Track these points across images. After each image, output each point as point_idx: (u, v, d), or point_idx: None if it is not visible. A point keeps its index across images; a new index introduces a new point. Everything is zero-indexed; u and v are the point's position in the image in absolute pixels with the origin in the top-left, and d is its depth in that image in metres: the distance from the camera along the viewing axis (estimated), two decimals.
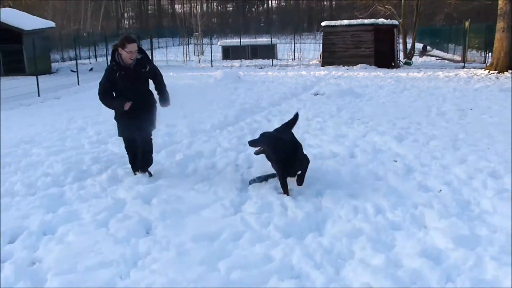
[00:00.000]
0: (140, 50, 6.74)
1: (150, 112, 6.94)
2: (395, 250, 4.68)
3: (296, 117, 7.21)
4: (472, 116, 11.68)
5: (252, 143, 6.42)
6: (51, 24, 28.83)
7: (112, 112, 7.03)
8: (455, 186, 6.51)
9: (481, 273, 4.21)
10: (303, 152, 6.54)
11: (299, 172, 6.37)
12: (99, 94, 6.73)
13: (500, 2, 21.92)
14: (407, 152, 8.26)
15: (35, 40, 23.08)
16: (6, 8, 28.21)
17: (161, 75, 7.05)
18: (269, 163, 6.54)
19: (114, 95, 6.79)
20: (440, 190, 6.32)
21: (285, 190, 6.21)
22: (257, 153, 6.37)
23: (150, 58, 7.53)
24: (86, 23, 49.93)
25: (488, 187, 6.39)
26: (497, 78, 19.96)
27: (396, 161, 7.73)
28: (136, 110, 6.67)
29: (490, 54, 25.62)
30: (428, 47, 38.86)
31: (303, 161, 6.42)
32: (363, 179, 6.85)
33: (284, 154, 6.18)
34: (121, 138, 7.16)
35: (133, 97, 6.65)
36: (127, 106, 6.58)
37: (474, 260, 4.38)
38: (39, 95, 17.30)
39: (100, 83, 6.71)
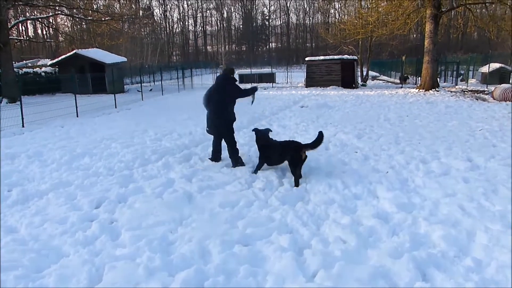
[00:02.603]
0: None
1: None
2: (357, 213, 4.62)
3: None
4: (408, 121, 11.54)
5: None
6: (124, 59, 28.79)
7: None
8: (397, 169, 6.43)
9: (416, 229, 4.16)
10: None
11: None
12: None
13: (426, 43, 21.93)
14: (364, 145, 8.17)
15: (113, 70, 23.15)
16: (94, 48, 28.18)
17: None
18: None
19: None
20: (387, 172, 6.24)
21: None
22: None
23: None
24: (147, 58, 49.91)
25: (420, 169, 6.32)
26: (424, 94, 19.78)
27: (356, 152, 7.64)
28: None
29: (419, 78, 25.42)
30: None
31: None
32: (334, 164, 6.76)
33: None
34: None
35: None
36: None
37: (411, 220, 4.33)
38: (116, 107, 17.27)
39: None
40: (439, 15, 21.59)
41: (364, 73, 33.07)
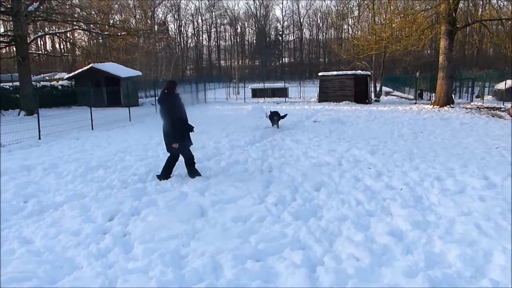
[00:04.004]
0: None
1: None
2: (370, 230, 4.58)
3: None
4: (422, 137, 11.45)
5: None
6: (139, 73, 29.21)
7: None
8: (411, 185, 6.37)
9: (431, 247, 4.11)
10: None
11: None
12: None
13: (440, 59, 21.82)
14: (378, 161, 8.11)
15: (128, 84, 23.52)
16: (110, 62, 28.70)
17: None
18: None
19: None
20: (401, 189, 6.18)
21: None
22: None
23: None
24: (161, 72, 50.55)
25: (434, 186, 6.25)
26: (439, 110, 19.62)
27: (370, 168, 7.60)
28: None
29: (433, 94, 25.25)
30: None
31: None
32: (347, 180, 6.73)
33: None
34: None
35: None
36: None
37: (426, 238, 4.28)
38: (130, 120, 17.49)
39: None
40: (454, 32, 21.52)
41: (378, 89, 33.02)
